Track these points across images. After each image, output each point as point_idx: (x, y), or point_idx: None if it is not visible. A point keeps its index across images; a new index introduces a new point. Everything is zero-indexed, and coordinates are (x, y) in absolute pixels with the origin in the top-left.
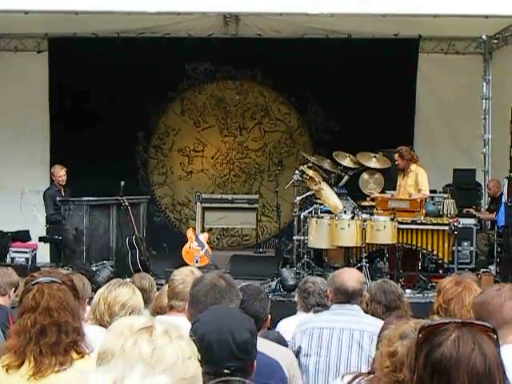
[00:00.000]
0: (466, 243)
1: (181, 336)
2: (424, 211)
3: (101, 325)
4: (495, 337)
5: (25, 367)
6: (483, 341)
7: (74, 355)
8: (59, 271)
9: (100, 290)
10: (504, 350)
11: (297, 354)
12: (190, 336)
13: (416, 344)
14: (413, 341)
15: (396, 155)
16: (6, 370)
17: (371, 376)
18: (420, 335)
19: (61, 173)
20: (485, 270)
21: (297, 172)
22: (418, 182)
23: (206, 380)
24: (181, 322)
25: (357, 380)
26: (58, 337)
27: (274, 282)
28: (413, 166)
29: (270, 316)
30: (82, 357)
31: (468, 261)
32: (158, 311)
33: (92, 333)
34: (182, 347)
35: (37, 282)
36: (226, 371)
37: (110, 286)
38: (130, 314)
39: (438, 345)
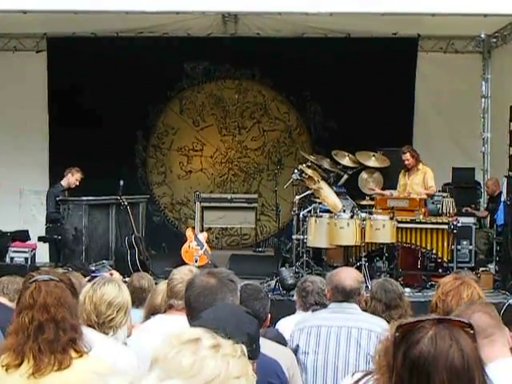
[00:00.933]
0: (465, 242)
1: (233, 354)
2: (423, 210)
3: (88, 325)
4: (472, 332)
5: (24, 366)
6: (460, 336)
7: (73, 354)
8: (57, 270)
9: (85, 289)
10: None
11: (295, 352)
12: None
13: (393, 343)
14: (390, 340)
15: (407, 154)
16: (6, 369)
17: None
18: (397, 334)
19: (80, 177)
20: (484, 268)
21: (296, 171)
22: (426, 180)
23: None
24: (180, 322)
25: (366, 378)
26: (56, 333)
27: (274, 282)
28: (420, 165)
29: (269, 315)
30: (81, 356)
31: (467, 260)
32: (152, 311)
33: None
34: (229, 364)
35: (34, 280)
36: None
37: (94, 284)
38: (117, 312)
39: (416, 342)
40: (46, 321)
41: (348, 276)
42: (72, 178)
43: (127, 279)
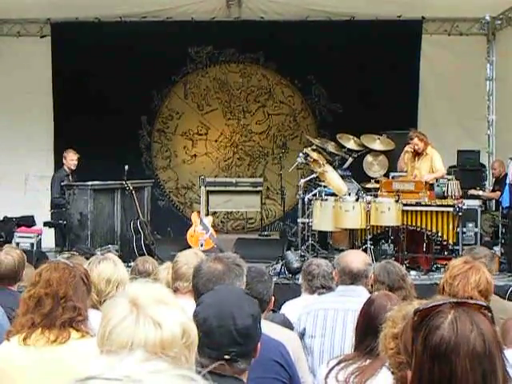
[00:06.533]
0: (470, 224)
1: None
2: (428, 192)
3: (92, 306)
4: (490, 315)
5: (20, 336)
6: (480, 320)
7: (74, 334)
8: (80, 259)
9: None
10: None
11: (302, 335)
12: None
13: (412, 327)
14: (407, 324)
15: (415, 140)
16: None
17: (356, 360)
18: (415, 318)
19: (74, 157)
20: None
21: (301, 155)
22: (434, 164)
23: (208, 363)
24: (185, 305)
25: (341, 365)
26: (53, 308)
27: (279, 265)
28: (428, 149)
29: (273, 298)
30: (83, 336)
31: (473, 242)
32: None
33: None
34: None
35: (49, 263)
36: (226, 357)
37: (90, 264)
38: (116, 287)
39: (436, 328)
40: (46, 295)
41: (355, 258)
42: (68, 160)
43: (132, 263)
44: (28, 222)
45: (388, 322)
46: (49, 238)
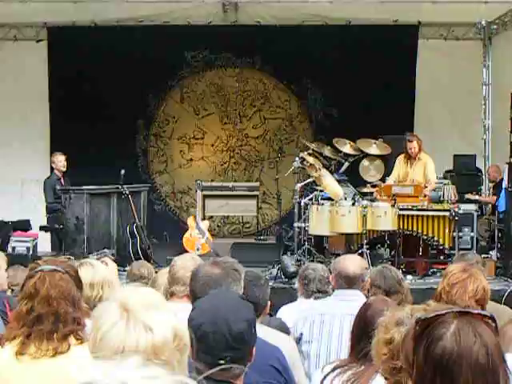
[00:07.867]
0: (466, 229)
1: None
2: (426, 197)
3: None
4: (494, 324)
5: (16, 350)
6: (483, 331)
7: (73, 341)
8: (63, 260)
9: None
10: None
11: (298, 340)
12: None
13: (413, 337)
14: (408, 333)
15: (414, 143)
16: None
17: (351, 366)
18: (416, 327)
19: (61, 158)
20: (486, 255)
21: (297, 159)
22: (426, 172)
23: (202, 368)
24: (181, 309)
25: (336, 371)
26: (54, 325)
27: (275, 270)
28: (421, 154)
29: (269, 302)
30: (81, 343)
31: (469, 246)
32: None
33: None
34: None
35: (40, 270)
36: (221, 362)
37: None
38: (101, 288)
39: (438, 338)
40: (47, 313)
41: (352, 263)
42: (57, 163)
43: (128, 268)
44: (24, 226)
45: (380, 328)
46: (45, 242)
